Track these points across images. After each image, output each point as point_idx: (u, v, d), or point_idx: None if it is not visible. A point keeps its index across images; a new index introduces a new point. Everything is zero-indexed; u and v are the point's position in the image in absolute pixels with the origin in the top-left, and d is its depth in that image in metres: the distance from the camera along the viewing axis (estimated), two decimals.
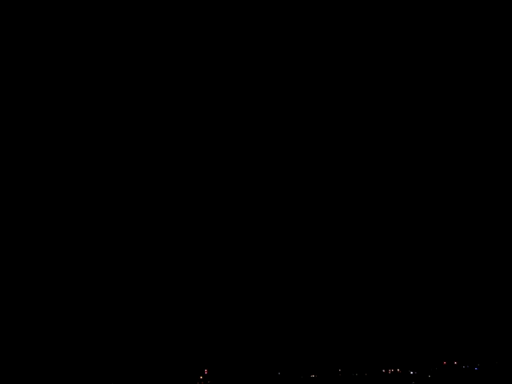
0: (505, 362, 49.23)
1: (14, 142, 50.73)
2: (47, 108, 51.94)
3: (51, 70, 51.60)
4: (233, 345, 51.49)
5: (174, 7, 51.78)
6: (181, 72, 54.14)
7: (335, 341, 51.94)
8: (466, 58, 52.26)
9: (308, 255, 53.95)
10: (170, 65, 53.97)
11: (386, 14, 52.17)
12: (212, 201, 54.52)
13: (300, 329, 52.00)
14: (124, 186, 53.45)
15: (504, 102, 51.85)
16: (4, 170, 49.86)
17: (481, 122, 52.98)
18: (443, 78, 53.11)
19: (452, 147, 53.58)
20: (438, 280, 51.94)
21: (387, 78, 53.93)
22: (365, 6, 51.81)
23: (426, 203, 53.71)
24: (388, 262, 53.13)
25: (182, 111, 54.70)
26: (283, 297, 52.64)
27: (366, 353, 51.82)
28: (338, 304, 52.56)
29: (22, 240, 50.07)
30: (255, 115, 54.84)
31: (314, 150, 55.21)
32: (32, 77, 51.16)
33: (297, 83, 54.63)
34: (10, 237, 49.47)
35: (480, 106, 52.90)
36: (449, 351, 51.20)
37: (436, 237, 53.03)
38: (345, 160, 54.97)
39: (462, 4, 50.25)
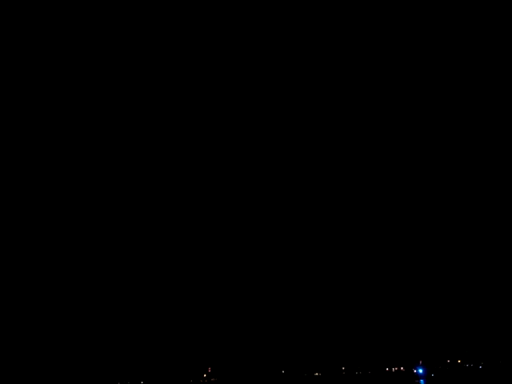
0: (507, 361, 49.26)
1: (15, 143, 51.16)
2: (47, 109, 52.37)
3: (51, 71, 52.02)
4: (237, 343, 51.87)
5: (175, 8, 52.02)
6: (180, 73, 54.41)
7: (339, 340, 52.17)
8: (466, 59, 52.15)
9: (311, 256, 54.18)
10: (169, 66, 54.27)
11: (386, 16, 52.16)
12: (218, 203, 54.82)
13: (303, 328, 52.27)
14: (124, 187, 53.84)
15: (503, 102, 51.71)
16: (4, 170, 50.25)
17: (480, 122, 52.87)
18: (443, 78, 53.03)
19: (451, 147, 53.54)
20: (442, 282, 52.03)
21: (387, 79, 53.94)
22: (365, 7, 51.83)
23: (427, 204, 53.72)
24: (392, 263, 53.25)
25: (181, 112, 55.00)
26: (286, 296, 52.92)
27: (370, 351, 52.01)
28: (342, 304, 52.76)
29: (22, 240, 50.59)
30: (255, 116, 55.04)
31: (313, 150, 55.36)
32: (32, 78, 51.60)
33: (297, 84, 54.76)
34: (10, 237, 49.95)
35: (479, 107, 52.79)
36: (453, 350, 51.29)
37: (440, 239, 53.09)
38: (344, 160, 55.08)
39: (462, 4, 50.13)
